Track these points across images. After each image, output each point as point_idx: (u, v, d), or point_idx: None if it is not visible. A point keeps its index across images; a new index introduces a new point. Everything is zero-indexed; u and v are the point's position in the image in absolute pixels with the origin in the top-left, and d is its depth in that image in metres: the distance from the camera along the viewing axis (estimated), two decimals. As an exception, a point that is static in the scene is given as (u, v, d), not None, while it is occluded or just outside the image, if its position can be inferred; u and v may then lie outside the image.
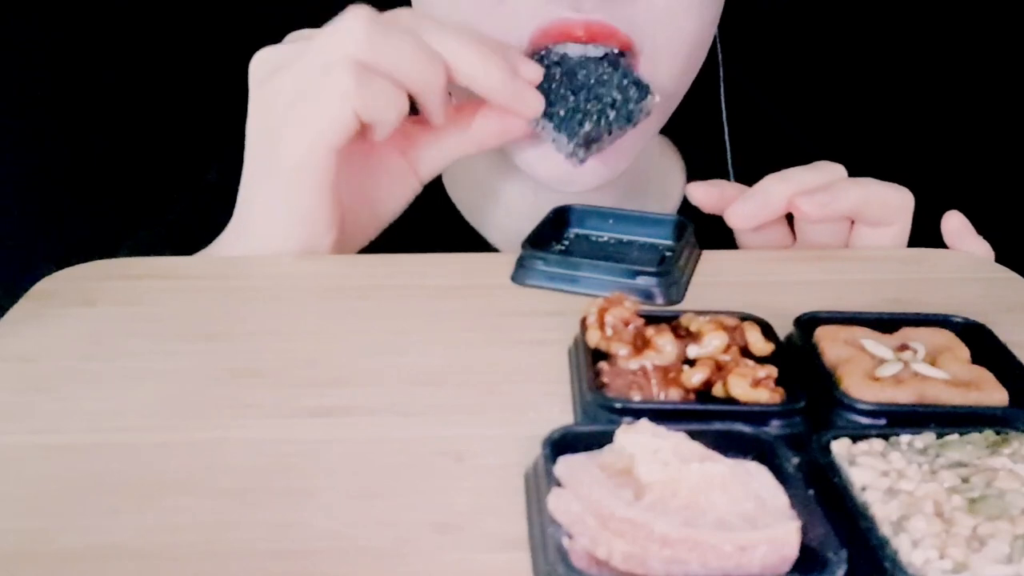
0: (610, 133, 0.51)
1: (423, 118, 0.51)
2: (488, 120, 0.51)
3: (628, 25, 0.51)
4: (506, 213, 0.63)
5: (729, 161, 0.66)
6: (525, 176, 0.60)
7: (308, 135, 0.46)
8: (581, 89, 0.50)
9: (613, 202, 0.55)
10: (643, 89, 0.51)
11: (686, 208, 0.67)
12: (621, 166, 0.57)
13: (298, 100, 0.46)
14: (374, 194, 0.52)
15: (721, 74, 0.63)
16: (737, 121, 0.66)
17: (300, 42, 0.48)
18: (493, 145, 0.52)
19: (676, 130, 0.68)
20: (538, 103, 0.49)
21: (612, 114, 0.50)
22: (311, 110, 0.46)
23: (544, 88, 0.50)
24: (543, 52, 0.51)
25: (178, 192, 0.67)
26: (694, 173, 0.69)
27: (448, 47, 0.47)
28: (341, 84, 0.45)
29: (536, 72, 0.50)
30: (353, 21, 0.45)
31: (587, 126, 0.50)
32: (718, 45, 0.61)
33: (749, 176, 0.67)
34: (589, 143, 0.50)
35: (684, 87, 0.57)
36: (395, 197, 0.52)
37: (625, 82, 0.51)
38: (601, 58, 0.51)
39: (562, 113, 0.50)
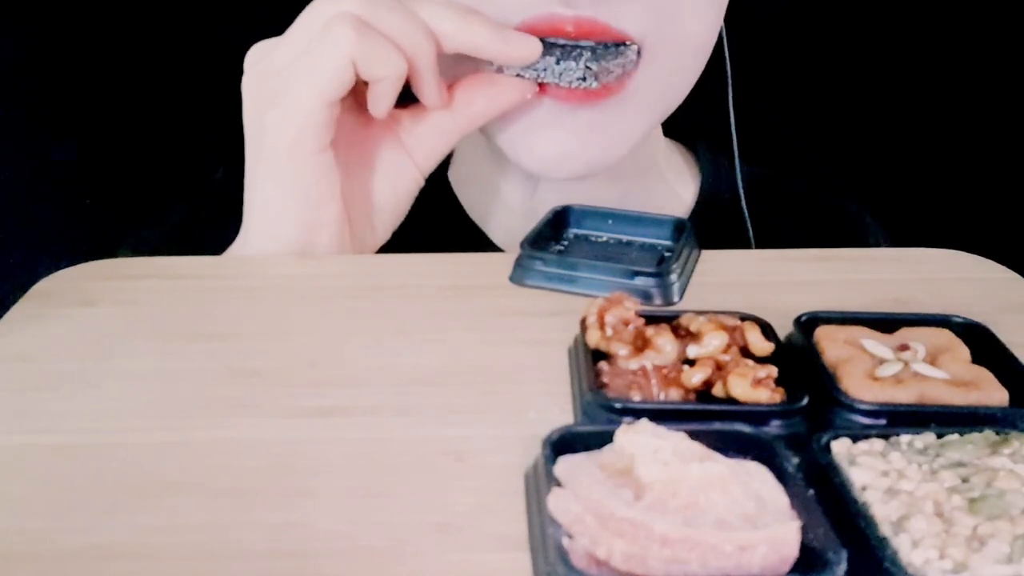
0: (605, 59, 0.51)
1: (416, 104, 0.51)
2: (480, 89, 0.51)
3: (627, 23, 0.51)
4: (510, 212, 0.63)
5: (737, 165, 0.66)
6: (529, 175, 0.60)
7: (303, 90, 0.47)
8: (565, 43, 0.51)
9: (622, 205, 0.55)
10: (621, 42, 0.51)
11: (699, 213, 0.67)
12: (614, 151, 0.55)
13: (294, 61, 0.47)
14: (375, 187, 0.52)
15: (728, 76, 0.63)
16: (745, 122, 0.66)
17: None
18: (490, 116, 0.52)
19: (684, 132, 0.68)
20: (534, 44, 0.50)
21: (600, 50, 0.51)
22: (308, 66, 0.47)
23: None
24: None
25: (181, 192, 0.67)
26: (705, 177, 0.69)
27: (432, 16, 0.48)
28: (341, 34, 0.46)
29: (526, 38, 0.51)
30: None
31: (587, 54, 0.50)
32: (725, 48, 0.61)
33: (758, 178, 0.67)
34: (598, 60, 0.51)
35: (687, 86, 0.56)
36: (397, 191, 0.52)
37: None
38: None
39: (559, 52, 0.50)
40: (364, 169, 0.51)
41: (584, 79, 0.50)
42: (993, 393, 0.36)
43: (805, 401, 0.35)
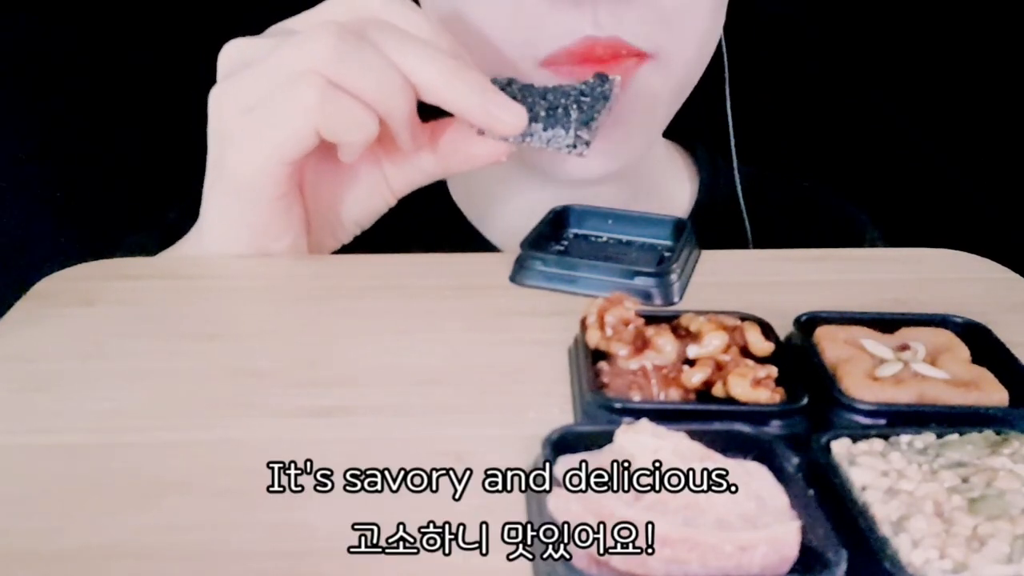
0: (594, 118, 0.48)
1: None
2: (459, 147, 0.48)
3: (641, 29, 0.51)
4: (508, 212, 0.63)
5: (735, 165, 0.66)
6: (527, 175, 0.60)
7: (262, 146, 0.44)
8: (547, 93, 0.49)
9: (620, 205, 0.55)
10: (601, 76, 0.50)
11: (697, 213, 0.67)
12: (635, 145, 0.56)
13: (257, 107, 0.44)
14: (344, 201, 0.50)
15: (726, 76, 0.63)
16: (743, 123, 0.66)
17: (272, 39, 0.46)
18: (468, 170, 0.50)
19: (682, 133, 0.68)
20: (520, 116, 0.46)
21: (587, 100, 0.48)
22: (269, 121, 0.44)
23: None
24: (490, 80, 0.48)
25: (178, 194, 0.67)
26: (703, 177, 0.69)
27: (415, 67, 0.44)
28: (305, 99, 0.43)
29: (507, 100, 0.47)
30: (322, 34, 0.43)
31: (574, 113, 0.47)
32: (723, 46, 0.61)
33: (755, 178, 0.67)
34: (588, 123, 0.47)
35: (693, 83, 0.57)
36: (365, 209, 0.51)
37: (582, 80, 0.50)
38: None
39: (544, 114, 0.47)
40: (335, 183, 0.50)
41: (574, 146, 0.47)
42: (993, 393, 0.36)
43: (805, 401, 0.35)
